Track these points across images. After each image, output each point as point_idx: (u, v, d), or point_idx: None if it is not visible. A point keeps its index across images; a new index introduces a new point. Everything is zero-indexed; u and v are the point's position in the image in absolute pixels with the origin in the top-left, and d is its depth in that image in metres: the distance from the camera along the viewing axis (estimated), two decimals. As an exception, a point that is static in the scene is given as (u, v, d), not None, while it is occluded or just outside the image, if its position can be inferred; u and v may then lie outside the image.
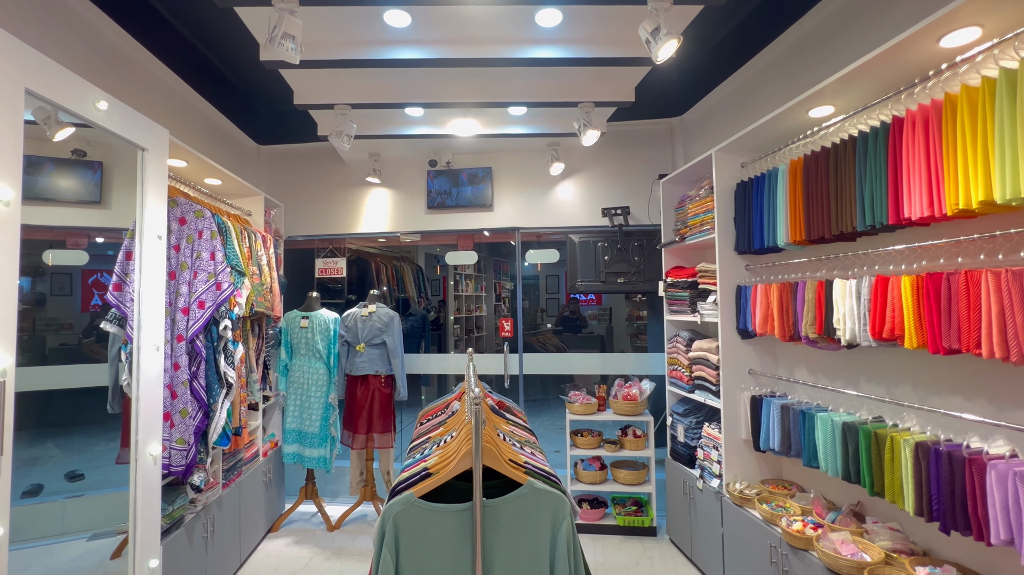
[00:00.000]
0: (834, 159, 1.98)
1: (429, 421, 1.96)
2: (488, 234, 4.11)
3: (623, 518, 3.30)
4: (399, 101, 2.83)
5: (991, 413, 1.59)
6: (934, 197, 1.56)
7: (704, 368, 2.79)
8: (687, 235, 3.01)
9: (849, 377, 2.18)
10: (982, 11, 1.41)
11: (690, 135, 3.70)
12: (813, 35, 2.47)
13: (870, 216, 1.79)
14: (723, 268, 2.63)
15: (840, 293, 1.93)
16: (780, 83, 2.69)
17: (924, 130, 1.60)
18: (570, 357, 4.30)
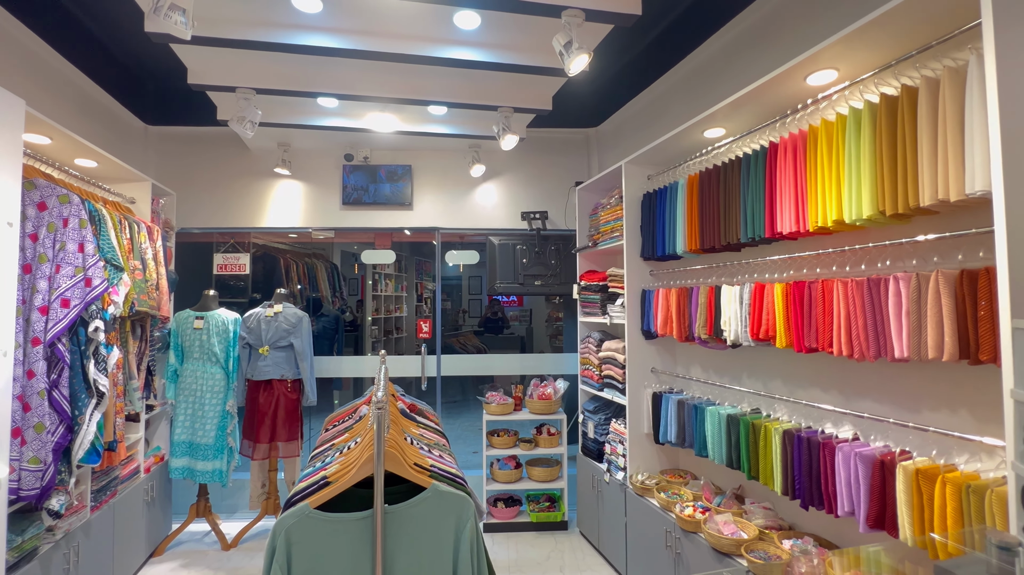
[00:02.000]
0: (724, 177, 2.18)
1: (335, 427, 1.87)
2: (409, 233, 4.03)
3: (536, 514, 3.39)
4: (310, 90, 2.69)
5: (841, 402, 1.85)
6: (800, 215, 1.78)
7: (612, 367, 2.95)
8: (599, 241, 3.16)
9: (735, 374, 2.42)
10: (837, 56, 1.63)
11: (605, 146, 3.89)
12: (710, 63, 2.71)
13: (751, 229, 2.00)
14: (630, 273, 2.80)
15: (727, 298, 2.13)
16: (682, 104, 2.92)
17: (793, 156, 1.82)
18: (491, 358, 4.33)
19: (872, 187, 1.52)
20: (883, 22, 1.43)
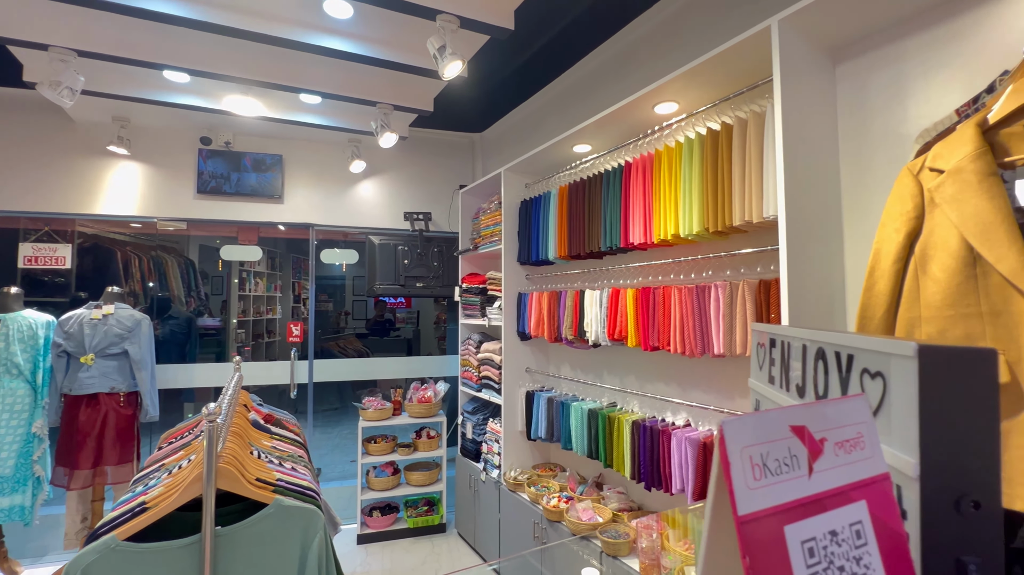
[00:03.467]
0: (588, 190, 2.36)
1: (170, 445, 1.66)
2: (284, 228, 3.72)
3: (414, 520, 3.33)
4: (154, 60, 2.35)
5: (679, 394, 2.10)
6: (647, 228, 1.99)
7: (490, 368, 3.02)
8: (480, 244, 3.23)
9: (598, 371, 2.63)
10: (677, 91, 1.87)
11: (489, 151, 3.98)
12: (581, 83, 2.92)
13: (610, 239, 2.19)
14: (507, 277, 2.90)
15: (589, 301, 2.31)
16: (557, 119, 3.10)
17: (643, 175, 2.04)
18: (373, 362, 4.17)
19: (700, 207, 1.76)
20: (704, 69, 1.66)
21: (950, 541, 0.31)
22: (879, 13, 1.40)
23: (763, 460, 0.27)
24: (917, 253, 1.07)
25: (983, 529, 0.31)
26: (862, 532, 0.29)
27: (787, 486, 0.27)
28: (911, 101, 1.41)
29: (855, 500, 0.29)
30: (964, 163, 1.01)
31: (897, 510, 0.30)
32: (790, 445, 0.28)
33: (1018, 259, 0.92)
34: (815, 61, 1.54)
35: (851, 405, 0.31)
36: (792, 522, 0.26)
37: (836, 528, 0.28)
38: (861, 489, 0.30)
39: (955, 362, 0.33)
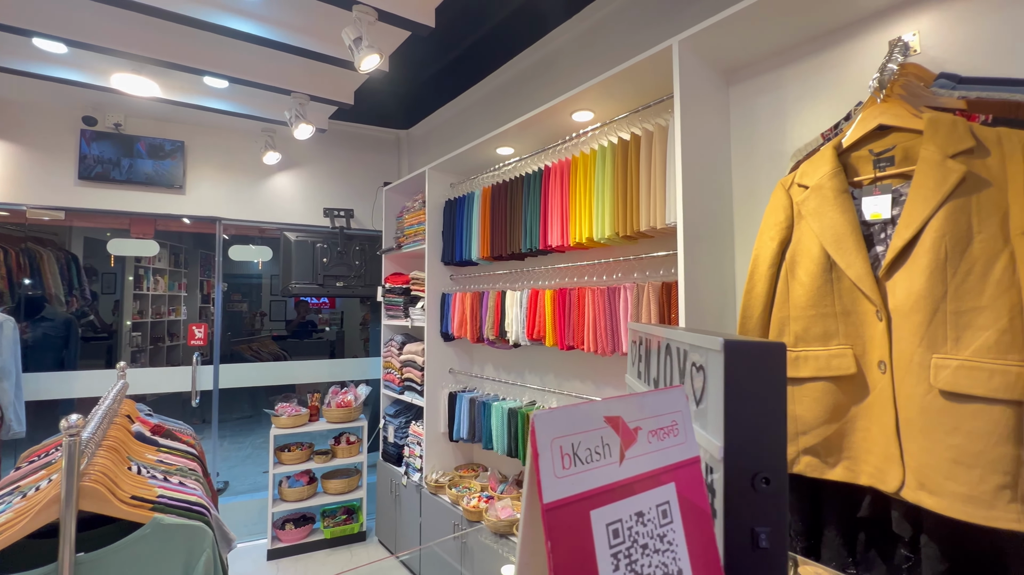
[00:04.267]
0: (511, 191, 2.39)
1: (31, 464, 1.46)
2: (188, 222, 3.41)
3: (331, 530, 3.19)
4: (17, 25, 2.06)
5: (594, 391, 2.19)
6: (564, 231, 2.05)
7: (412, 370, 2.97)
8: (404, 243, 3.16)
9: (519, 371, 2.67)
10: (593, 100, 1.94)
11: (415, 149, 3.91)
12: (507, 86, 2.95)
13: (529, 241, 2.23)
14: (431, 277, 2.86)
15: (510, 302, 2.34)
16: (483, 120, 3.12)
17: (560, 180, 2.10)
18: (290, 366, 3.93)
19: (612, 212, 1.84)
20: (615, 81, 1.75)
21: (746, 513, 0.35)
22: (763, 42, 1.54)
23: (574, 450, 0.29)
24: (787, 259, 1.20)
25: (772, 502, 0.36)
26: (668, 511, 0.32)
27: (597, 473, 0.29)
28: (790, 124, 1.57)
29: (665, 483, 0.32)
30: (823, 181, 1.14)
31: (704, 489, 0.34)
32: (603, 435, 0.31)
33: (863, 266, 1.06)
34: (712, 81, 1.68)
35: (669, 396, 0.35)
36: (599, 507, 0.28)
37: (643, 509, 0.31)
38: (671, 472, 0.33)
39: (752, 356, 0.37)
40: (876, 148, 1.11)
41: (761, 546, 0.34)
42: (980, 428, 0.88)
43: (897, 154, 1.07)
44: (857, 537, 1.13)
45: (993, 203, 0.92)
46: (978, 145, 0.95)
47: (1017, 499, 0.85)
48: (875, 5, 1.36)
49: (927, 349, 0.95)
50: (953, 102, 1.09)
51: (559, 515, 0.26)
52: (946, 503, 0.91)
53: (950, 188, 0.95)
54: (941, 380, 0.93)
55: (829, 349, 1.10)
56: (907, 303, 0.98)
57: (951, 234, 0.94)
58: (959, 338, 0.92)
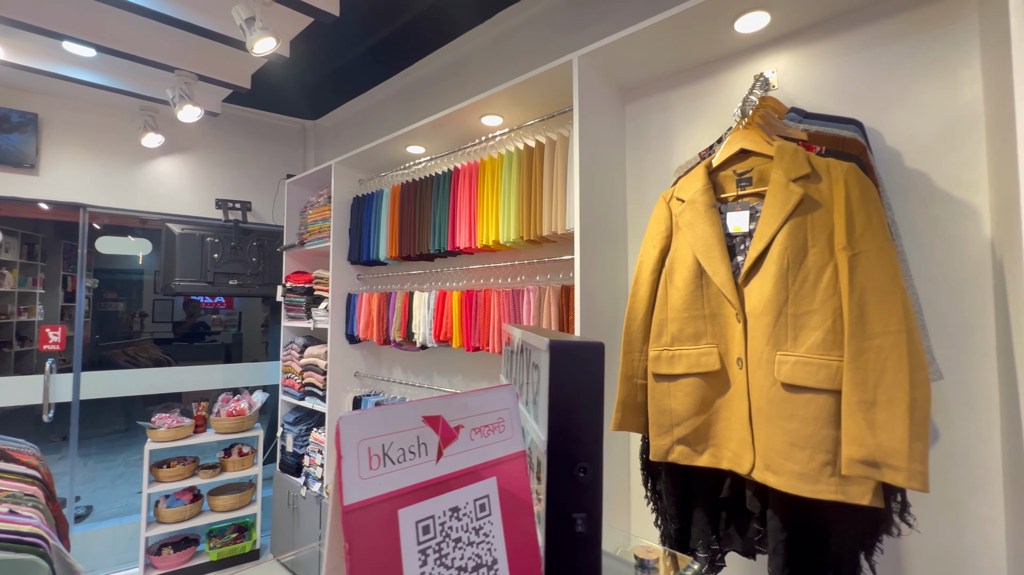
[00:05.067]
0: (420, 191, 2.36)
1: None
2: (47, 207, 2.93)
3: (219, 551, 2.92)
4: None
5: (499, 392, 2.22)
6: (472, 234, 2.07)
7: (314, 374, 2.81)
8: (308, 240, 2.99)
9: (428, 373, 2.64)
10: (502, 105, 1.98)
11: (323, 141, 3.72)
12: (421, 83, 2.91)
13: (438, 242, 2.22)
14: (336, 276, 2.74)
15: (418, 303, 2.31)
16: (396, 116, 3.04)
17: (469, 183, 2.11)
18: (176, 372, 3.53)
19: (517, 216, 1.89)
20: (521, 89, 1.80)
21: (566, 501, 0.38)
22: (653, 65, 1.68)
23: (384, 450, 0.30)
24: (667, 266, 1.31)
25: (589, 490, 0.40)
26: (487, 505, 0.34)
27: (409, 472, 0.30)
28: (675, 142, 1.72)
29: (485, 477, 0.34)
30: (696, 196, 1.26)
31: (527, 482, 0.37)
32: (420, 434, 0.32)
33: (726, 274, 1.18)
34: (610, 97, 1.78)
35: (497, 394, 0.37)
36: (409, 505, 0.29)
37: (459, 505, 0.32)
38: (493, 467, 0.35)
39: (574, 354, 0.41)
40: (739, 169, 1.25)
41: (578, 531, 0.37)
42: (810, 414, 1.03)
43: (754, 175, 1.22)
44: (720, 516, 1.26)
45: (823, 222, 1.08)
46: (813, 172, 1.11)
47: (836, 474, 1.00)
48: (745, 43, 1.53)
49: (773, 347, 1.09)
50: (798, 133, 1.26)
51: (360, 516, 0.27)
52: (784, 480, 1.05)
53: (792, 208, 1.09)
54: (782, 374, 1.06)
55: (699, 348, 1.22)
56: (759, 306, 1.12)
57: (792, 247, 1.08)
58: (797, 337, 1.07)
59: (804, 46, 1.45)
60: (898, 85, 1.30)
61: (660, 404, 1.26)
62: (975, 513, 1.16)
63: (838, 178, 1.07)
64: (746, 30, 1.45)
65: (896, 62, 1.30)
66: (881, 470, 0.94)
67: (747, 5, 1.34)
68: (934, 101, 1.25)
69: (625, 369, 1.33)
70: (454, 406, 0.33)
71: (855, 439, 0.97)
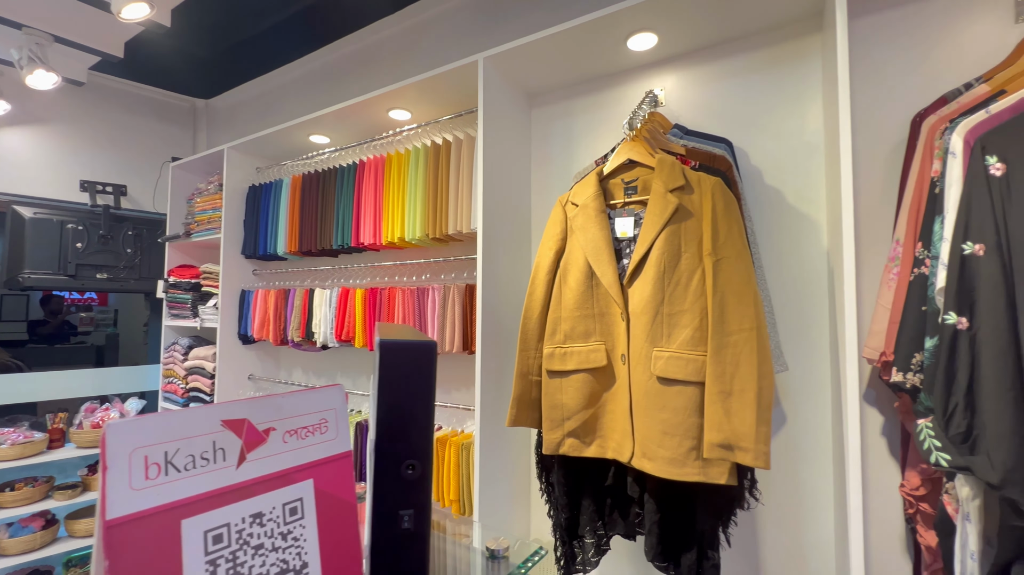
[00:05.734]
0: (323, 183, 2.25)
1: None
2: None
3: (79, 582, 2.56)
4: None
5: (405, 392, 2.18)
6: (377, 230, 2.01)
7: (200, 378, 2.57)
8: (195, 231, 2.72)
9: (331, 374, 2.52)
10: (410, 100, 1.94)
11: (217, 123, 3.40)
12: (328, 69, 2.76)
13: (341, 238, 2.13)
14: (228, 271, 2.52)
15: (319, 301, 2.19)
16: (299, 102, 2.87)
17: (375, 177, 2.05)
18: (26, 379, 3.04)
19: (423, 214, 1.87)
20: (429, 86, 1.78)
21: (394, 498, 0.39)
22: (555, 74, 1.74)
23: (167, 458, 0.28)
24: (561, 267, 1.36)
25: (418, 486, 0.41)
26: (299, 508, 0.33)
27: (200, 480, 0.29)
28: (576, 148, 1.80)
29: (299, 480, 0.34)
30: (588, 201, 1.33)
31: (351, 482, 0.37)
32: (218, 439, 0.31)
33: (613, 275, 1.26)
34: (516, 101, 1.82)
35: (321, 395, 0.36)
36: (196, 514, 0.28)
37: (264, 510, 0.32)
38: (311, 469, 0.35)
39: (405, 353, 0.42)
40: (626, 178, 1.33)
41: (404, 527, 0.38)
42: (680, 405, 1.13)
43: (639, 184, 1.31)
44: (605, 503, 1.34)
45: (694, 230, 1.19)
46: (687, 184, 1.22)
47: (699, 458, 1.11)
48: (638, 61, 1.64)
49: (651, 344, 1.18)
50: (678, 148, 1.38)
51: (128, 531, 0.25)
52: (657, 466, 1.14)
53: (668, 216, 1.19)
54: (658, 368, 1.16)
55: (588, 345, 1.29)
56: (640, 306, 1.21)
57: (667, 252, 1.18)
58: (670, 334, 1.17)
59: (688, 69, 1.59)
60: (761, 112, 1.47)
61: (553, 399, 1.32)
62: (811, 484, 1.35)
63: (707, 191, 1.19)
64: (638, 48, 1.56)
65: (760, 91, 1.47)
66: (734, 452, 1.06)
67: (637, 25, 1.44)
68: (787, 128, 1.42)
69: (521, 366, 1.37)
70: (265, 408, 0.32)
71: (715, 425, 1.08)
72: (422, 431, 0.39)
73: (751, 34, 1.48)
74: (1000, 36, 1.16)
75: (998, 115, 0.92)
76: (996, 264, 0.84)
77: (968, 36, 1.20)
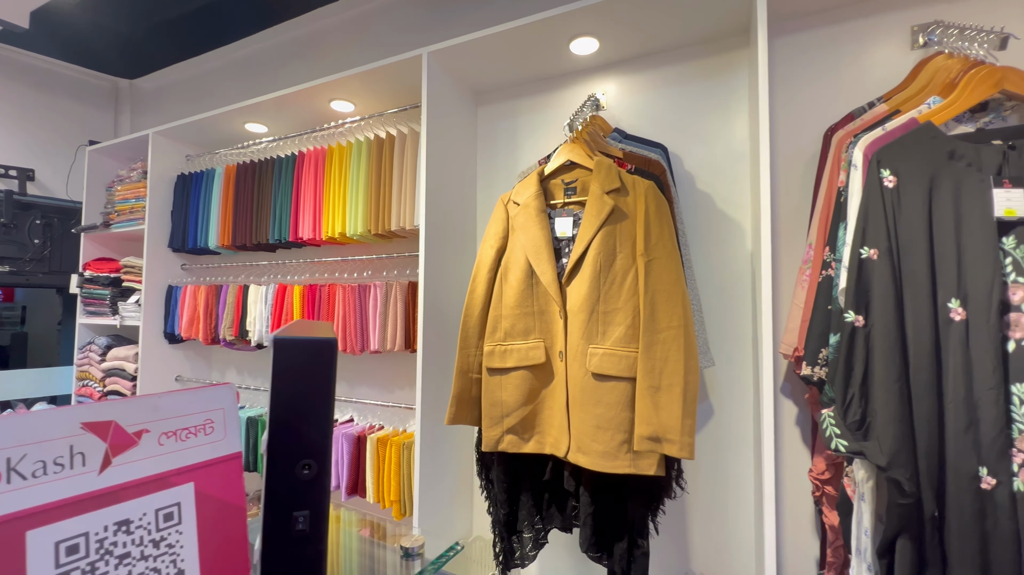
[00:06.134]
0: (260, 174, 2.14)
1: None
2: None
3: (-27, 607, 2.31)
4: None
5: (347, 391, 2.12)
6: (317, 224, 1.94)
7: (120, 380, 2.38)
8: (115, 222, 2.52)
9: (267, 374, 2.40)
10: (353, 92, 1.88)
11: (143, 105, 3.16)
12: (266, 55, 2.63)
13: (279, 232, 2.04)
14: (153, 265, 2.35)
15: (254, 298, 2.09)
16: (235, 88, 2.72)
17: (316, 169, 1.98)
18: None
19: (365, 209, 1.82)
20: (372, 78, 1.74)
21: (288, 499, 0.39)
22: (502, 73, 1.74)
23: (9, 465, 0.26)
24: (502, 265, 1.37)
25: (315, 487, 0.41)
26: (176, 513, 0.32)
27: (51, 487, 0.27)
28: (522, 148, 1.82)
29: (176, 484, 0.32)
30: (529, 200, 1.34)
31: (240, 484, 0.36)
32: (76, 443, 0.29)
33: (552, 274, 1.28)
34: (462, 98, 1.81)
35: (207, 394, 0.35)
36: (44, 524, 0.26)
37: (132, 517, 0.30)
38: (191, 472, 0.33)
39: (301, 350, 0.41)
40: (566, 179, 1.36)
41: (299, 529, 0.37)
42: (613, 399, 1.17)
43: (578, 185, 1.34)
44: (543, 497, 1.37)
45: (628, 231, 1.23)
46: (622, 186, 1.26)
47: (631, 450, 1.16)
48: (581, 64, 1.68)
49: (587, 341, 1.21)
50: (616, 151, 1.42)
51: None
52: (591, 459, 1.17)
53: (604, 217, 1.23)
54: (593, 365, 1.19)
55: (528, 343, 1.31)
56: (577, 304, 1.24)
57: (603, 252, 1.22)
58: (605, 332, 1.20)
59: (629, 75, 1.64)
60: (694, 120, 1.54)
61: (492, 397, 1.32)
62: (735, 472, 1.43)
63: (640, 194, 1.23)
64: (581, 52, 1.59)
65: (694, 100, 1.54)
66: (662, 444, 1.11)
67: (579, 30, 1.47)
68: (717, 136, 1.50)
69: (461, 364, 1.37)
70: (138, 409, 0.30)
71: (644, 419, 1.13)
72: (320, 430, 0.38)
73: (686, 45, 1.55)
74: (898, 61, 1.28)
75: (892, 132, 1.02)
76: (887, 267, 0.93)
77: (873, 59, 1.32)
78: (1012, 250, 0.88)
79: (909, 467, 0.88)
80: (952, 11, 1.24)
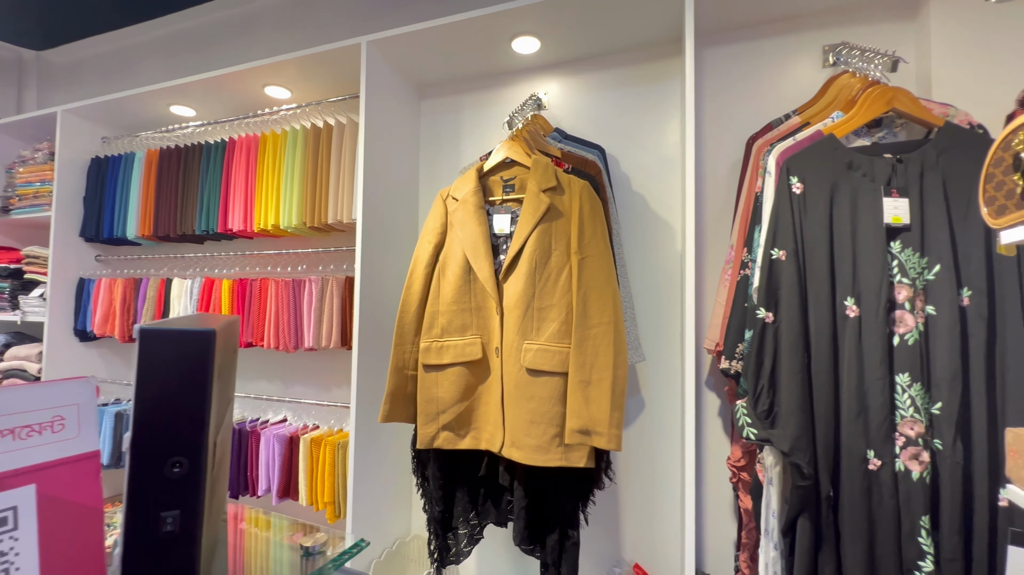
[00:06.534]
0: (186, 160, 2.01)
1: None
2: None
3: None
4: None
5: (281, 391, 2.04)
6: (248, 215, 1.84)
7: (20, 382, 2.16)
8: (16, 207, 2.28)
9: (194, 373, 2.26)
10: (289, 78, 1.80)
11: (53, 79, 2.88)
12: (196, 34, 2.47)
13: (206, 223, 1.92)
14: (61, 255, 2.15)
15: (178, 292, 1.96)
16: (161, 67, 2.53)
17: (247, 157, 1.88)
18: None
19: (301, 201, 1.75)
20: (310, 64, 1.68)
21: (155, 499, 0.37)
22: (445, 67, 1.73)
23: None
24: (440, 261, 1.36)
25: (186, 485, 0.39)
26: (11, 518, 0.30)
27: None
28: (464, 143, 1.81)
29: (14, 486, 0.30)
30: (467, 196, 1.34)
31: (95, 485, 0.34)
32: None
33: (490, 270, 1.28)
34: (404, 91, 1.78)
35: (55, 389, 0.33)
36: None
37: None
38: (34, 473, 0.31)
39: (170, 343, 0.40)
40: (505, 176, 1.37)
41: (167, 530, 0.36)
42: (545, 394, 1.19)
43: (517, 183, 1.35)
44: (479, 493, 1.37)
45: (563, 229, 1.25)
46: (559, 185, 1.28)
47: (562, 444, 1.18)
48: (523, 63, 1.69)
49: (522, 337, 1.23)
50: (555, 151, 1.44)
51: None
52: (524, 454, 1.19)
53: (540, 215, 1.24)
54: (527, 360, 1.21)
55: (464, 339, 1.30)
56: (513, 300, 1.25)
57: (539, 249, 1.23)
58: (540, 328, 1.22)
59: (570, 76, 1.67)
60: (631, 123, 1.59)
61: (428, 393, 1.31)
62: (663, 462, 1.50)
63: (575, 193, 1.26)
64: (522, 51, 1.60)
65: (631, 104, 1.59)
66: (591, 436, 1.14)
67: (520, 28, 1.48)
68: (652, 140, 1.56)
69: (396, 361, 1.35)
70: (-32, 405, 0.28)
71: (575, 412, 1.16)
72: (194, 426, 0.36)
73: (624, 50, 1.60)
74: (811, 77, 1.38)
75: (801, 142, 1.10)
76: (794, 267, 1.00)
77: (790, 74, 1.41)
78: (898, 253, 0.98)
79: (808, 452, 0.95)
80: (859, 34, 1.35)
